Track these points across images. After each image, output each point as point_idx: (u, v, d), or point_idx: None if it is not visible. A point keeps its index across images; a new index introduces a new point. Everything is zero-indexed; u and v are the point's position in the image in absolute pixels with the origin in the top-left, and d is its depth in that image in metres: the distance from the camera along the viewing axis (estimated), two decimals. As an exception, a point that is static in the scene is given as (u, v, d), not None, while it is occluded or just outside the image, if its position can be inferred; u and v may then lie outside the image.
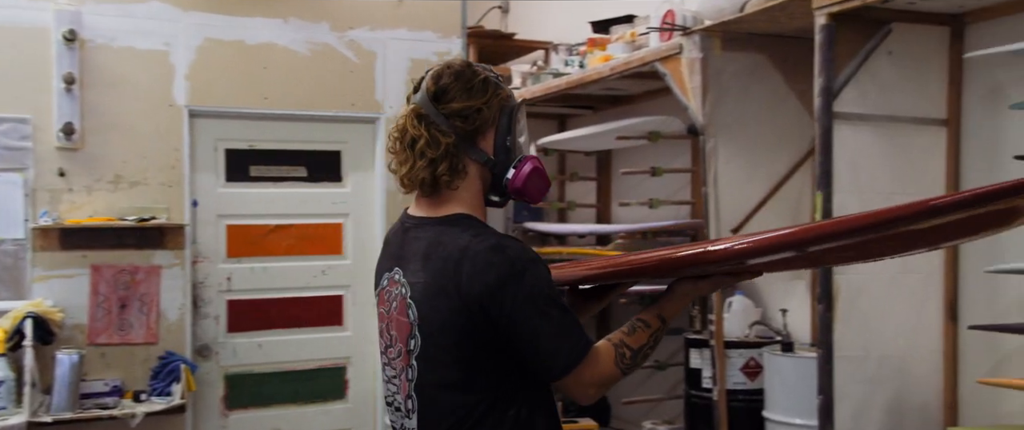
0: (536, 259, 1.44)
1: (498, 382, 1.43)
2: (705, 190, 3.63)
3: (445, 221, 1.48)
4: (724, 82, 3.55)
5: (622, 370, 1.47)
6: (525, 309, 1.38)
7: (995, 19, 2.87)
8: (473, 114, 1.48)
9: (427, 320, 1.43)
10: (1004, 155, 2.80)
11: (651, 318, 1.54)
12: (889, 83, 3.00)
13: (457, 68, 1.53)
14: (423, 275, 1.45)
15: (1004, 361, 2.90)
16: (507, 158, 1.51)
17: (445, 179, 1.47)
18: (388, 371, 1.52)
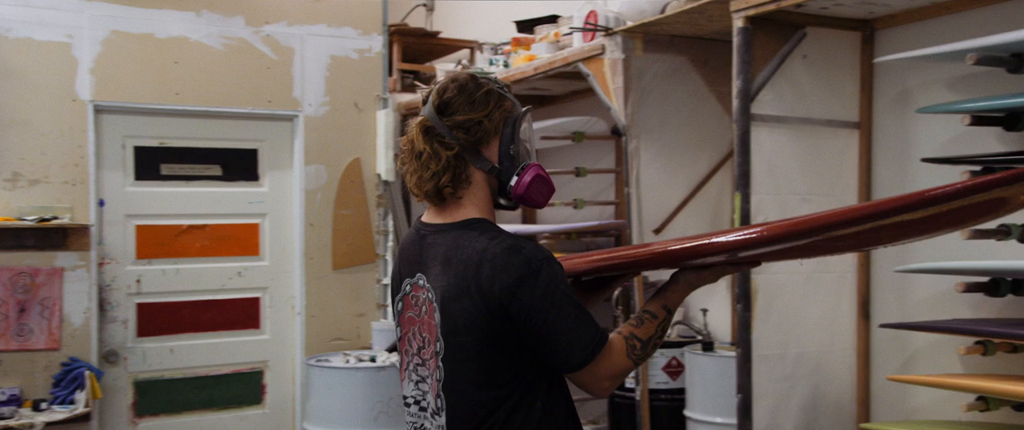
0: (550, 258, 1.50)
1: (523, 377, 1.49)
2: (628, 191, 3.64)
3: (461, 226, 1.55)
4: (646, 83, 3.57)
5: (634, 361, 1.53)
6: (542, 305, 1.44)
7: (903, 25, 2.94)
8: (474, 126, 1.54)
9: (451, 321, 1.50)
10: (912, 157, 2.88)
11: (657, 309, 1.59)
12: (804, 86, 3.04)
13: (461, 81, 1.58)
14: (445, 279, 1.51)
15: (913, 358, 2.98)
16: (511, 166, 1.56)
17: (448, 190, 1.54)
18: (421, 371, 1.57)
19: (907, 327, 2.63)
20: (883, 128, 3.08)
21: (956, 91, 2.81)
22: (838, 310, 3.15)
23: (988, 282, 2.54)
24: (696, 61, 3.63)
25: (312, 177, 4.16)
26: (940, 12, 2.80)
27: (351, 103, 4.26)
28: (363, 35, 4.27)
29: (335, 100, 4.21)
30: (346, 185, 4.21)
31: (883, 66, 3.02)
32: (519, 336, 1.49)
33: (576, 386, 1.55)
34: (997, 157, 2.46)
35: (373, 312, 4.30)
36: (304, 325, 4.18)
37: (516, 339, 1.49)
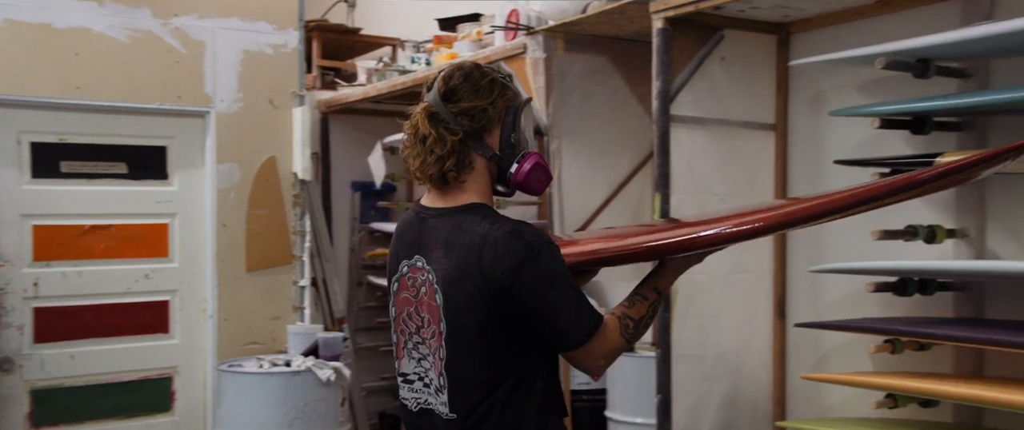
0: (549, 241, 1.56)
1: (524, 356, 1.55)
2: (550, 190, 3.62)
3: (462, 210, 1.59)
4: (568, 83, 3.56)
5: (627, 340, 1.60)
6: (542, 287, 1.50)
7: (817, 29, 3.00)
8: (479, 113, 1.58)
9: (454, 303, 1.54)
10: (826, 158, 2.93)
11: (648, 291, 1.66)
12: (722, 88, 3.07)
13: (467, 69, 1.63)
14: (446, 261, 1.56)
15: (826, 356, 3.03)
16: (512, 153, 1.61)
17: (452, 174, 1.58)
18: (421, 349, 1.62)
19: (820, 326, 2.67)
20: (798, 130, 3.13)
21: (867, 95, 2.87)
22: (755, 310, 3.19)
23: (896, 282, 2.60)
24: (617, 62, 3.64)
25: (225, 176, 4.01)
26: (852, 17, 2.85)
27: (266, 100, 4.12)
28: (278, 30, 4.13)
29: (249, 96, 4.06)
30: (261, 184, 4.07)
31: (798, 69, 3.07)
32: (520, 317, 1.54)
33: (572, 365, 1.60)
34: (904, 159, 2.52)
35: (289, 315, 4.17)
36: (216, 329, 4.02)
37: (517, 320, 1.54)
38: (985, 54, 2.52)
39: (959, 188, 2.60)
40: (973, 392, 2.23)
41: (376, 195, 5.08)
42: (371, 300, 5.11)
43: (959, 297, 2.61)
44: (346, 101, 4.85)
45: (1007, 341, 2.19)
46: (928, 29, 2.46)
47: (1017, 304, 2.51)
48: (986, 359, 2.54)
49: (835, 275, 2.77)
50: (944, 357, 2.62)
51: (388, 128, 5.14)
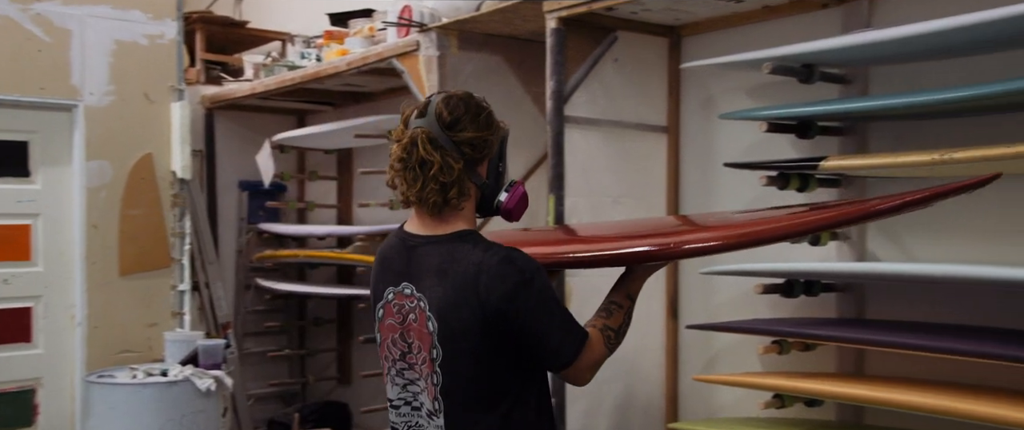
0: (539, 267, 1.64)
1: (519, 376, 1.62)
2: (443, 192, 3.55)
3: (453, 238, 1.64)
4: (462, 82, 3.48)
5: (610, 349, 1.70)
6: (536, 311, 1.58)
7: (707, 33, 3.02)
8: (480, 143, 1.65)
9: (450, 329, 1.59)
10: (716, 161, 2.96)
11: (622, 299, 1.77)
12: (615, 89, 3.07)
13: (465, 99, 1.69)
14: (440, 289, 1.60)
15: (717, 357, 3.07)
16: (497, 182, 1.71)
17: (454, 201, 1.63)
18: (408, 374, 1.67)
19: (711, 328, 2.69)
20: (690, 132, 3.15)
21: (755, 99, 2.91)
22: (649, 311, 3.19)
23: (783, 284, 2.64)
24: (512, 61, 3.59)
25: (95, 173, 3.75)
26: (740, 22, 2.89)
27: (141, 93, 3.88)
28: (154, 20, 3.90)
29: (122, 90, 3.82)
30: (135, 183, 3.83)
31: (689, 72, 3.09)
32: (515, 339, 1.60)
33: (561, 379, 1.71)
34: (790, 163, 2.56)
35: (167, 321, 3.94)
36: (85, 337, 3.76)
37: (512, 343, 1.60)
38: (864, 61, 2.59)
39: (842, 193, 2.66)
40: (853, 391, 2.29)
41: (265, 195, 4.89)
42: (259, 304, 4.92)
43: (842, 298, 2.68)
44: (232, 97, 4.64)
45: (885, 341, 2.25)
46: (812, 36, 2.52)
47: (895, 304, 2.59)
48: (866, 358, 2.61)
49: (725, 277, 2.79)
50: (828, 357, 2.68)
51: (277, 125, 4.97)
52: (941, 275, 2.22)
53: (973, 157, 2.02)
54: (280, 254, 4.81)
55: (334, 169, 4.98)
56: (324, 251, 4.66)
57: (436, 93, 1.73)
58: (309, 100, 4.85)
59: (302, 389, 5.09)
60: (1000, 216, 1.99)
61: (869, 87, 2.64)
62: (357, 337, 4.42)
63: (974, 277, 2.13)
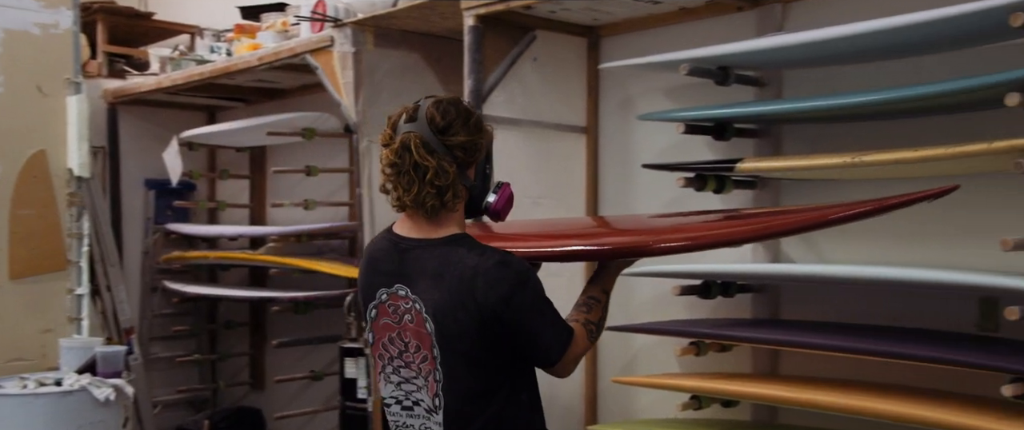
0: (531, 268, 1.71)
1: (509, 373, 1.69)
2: (359, 191, 3.46)
3: (447, 242, 1.69)
4: (378, 79, 3.41)
5: (592, 341, 1.79)
6: (530, 312, 1.65)
7: (626, 33, 3.02)
8: (472, 147, 1.69)
9: (447, 330, 1.65)
10: (635, 162, 2.95)
11: (598, 293, 1.85)
12: (534, 89, 3.04)
13: (455, 103, 1.72)
14: (436, 292, 1.65)
15: (635, 359, 3.07)
16: (484, 184, 1.76)
17: (450, 204, 1.68)
18: (405, 372, 1.72)
19: (629, 330, 2.69)
20: (608, 133, 3.14)
21: (673, 100, 2.92)
22: (567, 312, 3.17)
23: (700, 285, 2.65)
24: (430, 59, 3.53)
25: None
26: (658, 23, 2.89)
27: (33, 86, 3.65)
28: (47, 8, 3.66)
29: (13, 82, 3.58)
30: (27, 181, 3.60)
31: (608, 73, 3.09)
32: (507, 337, 1.67)
33: (547, 373, 1.74)
34: (707, 164, 2.57)
35: (64, 327, 3.72)
36: (-28, 346, 3.53)
37: (507, 342, 1.67)
38: (777, 64, 2.62)
39: (757, 194, 2.69)
40: (768, 392, 2.31)
41: (173, 194, 4.70)
42: (167, 307, 4.72)
43: (757, 299, 2.70)
44: (137, 91, 4.44)
45: (798, 342, 2.28)
46: (727, 38, 2.53)
47: (808, 305, 2.63)
48: (781, 359, 2.64)
49: (643, 278, 2.79)
50: (744, 358, 2.70)
51: (186, 122, 4.78)
52: (851, 276, 2.27)
53: (884, 160, 2.06)
54: (189, 255, 4.64)
55: (246, 168, 4.83)
56: (236, 252, 4.52)
57: (424, 98, 1.75)
58: (220, 96, 4.68)
59: (213, 395, 4.93)
60: (908, 218, 2.04)
61: (783, 90, 2.67)
62: (271, 341, 4.28)
63: (882, 278, 2.18)
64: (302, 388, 4.32)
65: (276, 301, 4.07)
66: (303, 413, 4.19)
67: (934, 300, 2.32)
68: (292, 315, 4.07)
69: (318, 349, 4.17)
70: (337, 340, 3.85)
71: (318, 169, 4.05)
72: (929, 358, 1.98)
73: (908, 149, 2.03)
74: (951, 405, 2.01)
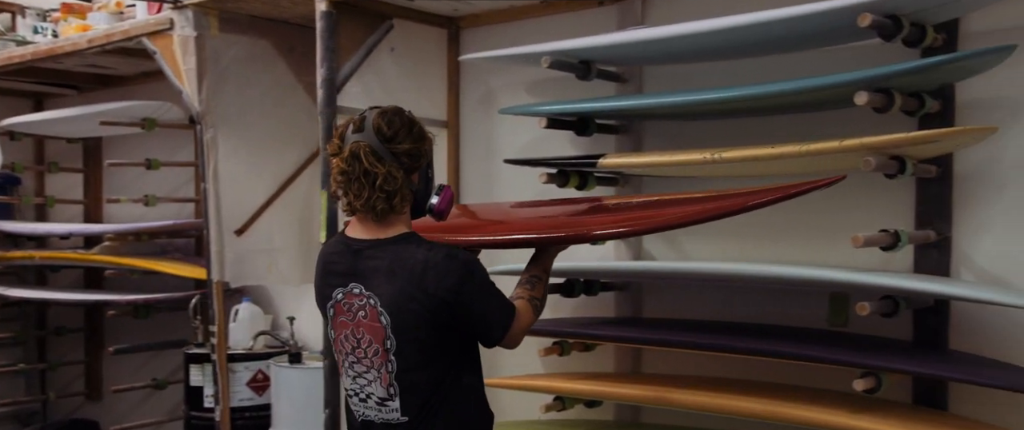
0: (475, 258, 1.86)
1: (456, 358, 1.83)
2: (204, 186, 3.23)
3: (396, 241, 1.81)
4: (223, 66, 3.19)
5: (537, 314, 1.93)
6: (478, 297, 1.78)
7: (487, 25, 2.95)
8: (416, 154, 1.81)
9: (400, 322, 1.77)
10: (497, 157, 2.89)
11: (540, 272, 2.00)
12: (392, 80, 2.94)
13: (399, 113, 1.85)
14: (390, 287, 1.77)
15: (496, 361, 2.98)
16: (427, 187, 1.88)
17: (398, 208, 1.80)
18: (358, 367, 1.84)
19: (491, 330, 2.60)
20: (470, 128, 3.07)
21: (534, 94, 2.88)
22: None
23: (564, 283, 2.61)
24: (281, 47, 3.33)
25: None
26: (519, 16, 2.84)
27: None
28: None
29: None
30: None
31: (469, 66, 3.02)
32: (456, 324, 1.80)
33: (499, 347, 1.88)
34: (569, 160, 2.53)
35: None
36: None
37: (455, 328, 1.80)
38: (638, 60, 2.62)
39: (619, 191, 2.69)
40: (629, 392, 2.31)
41: (-8, 188, 4.28)
42: (-14, 311, 4.30)
43: (620, 297, 2.70)
44: (-53, 74, 3.98)
45: (660, 340, 2.28)
46: (589, 32, 2.51)
47: (670, 303, 2.64)
48: (644, 357, 2.65)
49: (504, 276, 2.72)
50: (607, 357, 2.69)
51: (8, 109, 4.36)
52: (710, 272, 2.28)
53: (741, 157, 2.07)
54: (13, 256, 4.27)
55: (80, 160, 4.46)
56: (68, 252, 4.16)
57: (369, 109, 1.86)
58: (48, 82, 4.29)
59: (43, 407, 4.60)
60: (766, 216, 2.06)
61: (644, 86, 2.68)
62: (107, 348, 3.96)
63: (737, 274, 2.21)
64: (143, 398, 4.12)
65: (113, 304, 3.88)
66: (144, 424, 4.01)
67: (790, 296, 2.37)
68: (132, 320, 3.88)
69: (161, 355, 4.01)
70: (182, 346, 3.69)
71: (160, 162, 3.84)
72: (785, 354, 2.01)
73: (764, 146, 2.05)
74: (807, 400, 2.05)
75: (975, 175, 2.15)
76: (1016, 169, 2.10)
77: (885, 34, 1.97)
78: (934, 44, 2.07)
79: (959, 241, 2.16)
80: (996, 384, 1.87)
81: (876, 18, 1.92)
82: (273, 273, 3.45)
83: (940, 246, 2.16)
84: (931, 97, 2.09)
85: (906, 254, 2.17)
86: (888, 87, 1.98)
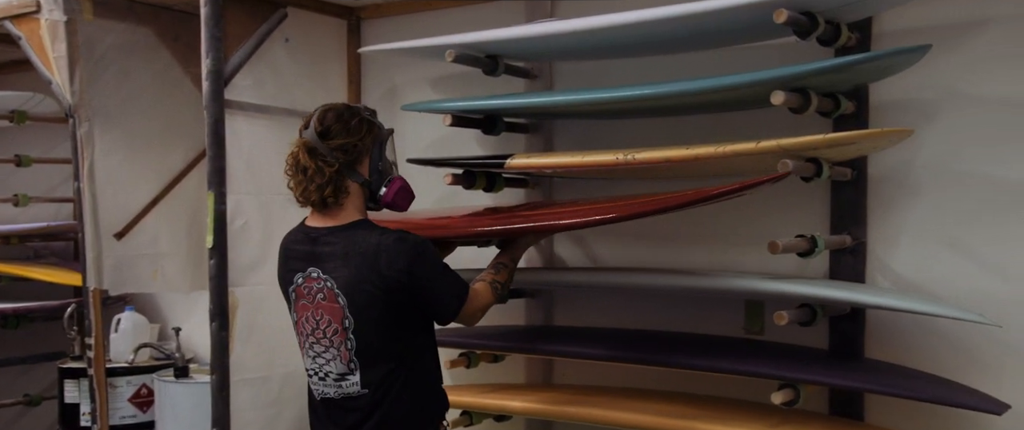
0: (425, 240, 1.92)
1: (415, 335, 1.93)
2: (78, 185, 2.96)
3: (350, 227, 1.92)
4: (100, 55, 2.94)
5: (498, 296, 2.02)
6: (429, 276, 1.87)
7: (388, 17, 2.82)
8: (351, 148, 1.90)
9: (356, 302, 1.88)
10: (400, 157, 2.72)
11: (507, 260, 2.09)
12: (288, 73, 2.78)
13: (338, 110, 1.94)
14: (345, 270, 1.88)
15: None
16: (380, 179, 1.96)
17: (331, 199, 1.90)
18: (317, 347, 1.95)
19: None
20: (373, 124, 2.90)
21: (440, 90, 2.78)
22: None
23: (470, 291, 2.47)
24: (165, 35, 3.09)
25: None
26: (423, 7, 2.72)
27: None
28: None
29: None
30: None
31: (371, 60, 2.89)
32: (411, 302, 1.89)
33: (459, 324, 1.98)
34: (475, 160, 2.42)
35: None
36: None
37: (410, 306, 1.89)
38: (549, 55, 2.53)
39: (529, 193, 2.59)
40: (538, 407, 2.23)
41: None
42: None
43: (531, 304, 2.63)
44: None
45: (571, 352, 2.20)
46: (497, 25, 2.41)
47: (581, 310, 2.56)
48: (555, 367, 2.56)
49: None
50: (517, 367, 2.60)
51: None
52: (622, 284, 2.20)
53: (654, 158, 1.98)
54: None
55: (-59, 155, 4.07)
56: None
57: (320, 107, 1.96)
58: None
59: None
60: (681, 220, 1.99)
61: (554, 83, 2.60)
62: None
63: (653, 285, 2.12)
64: (15, 416, 3.83)
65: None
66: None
67: (705, 302, 2.31)
68: (0, 330, 3.63)
69: (34, 369, 3.76)
70: (57, 359, 3.45)
71: (31, 159, 3.58)
72: (701, 367, 1.93)
73: (679, 147, 1.96)
74: (724, 413, 1.98)
75: (889, 179, 2.12)
76: (930, 172, 2.08)
77: (801, 31, 1.90)
78: (848, 43, 2.03)
79: (874, 247, 2.13)
80: (914, 396, 1.82)
81: (792, 14, 1.85)
82: (159, 280, 3.20)
83: (855, 251, 2.12)
84: (846, 98, 2.04)
85: (821, 259, 2.12)
86: (804, 87, 1.91)
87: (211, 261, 2.47)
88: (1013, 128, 1.98)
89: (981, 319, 1.79)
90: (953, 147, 2.04)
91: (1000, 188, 2.00)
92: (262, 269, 2.72)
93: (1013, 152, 1.98)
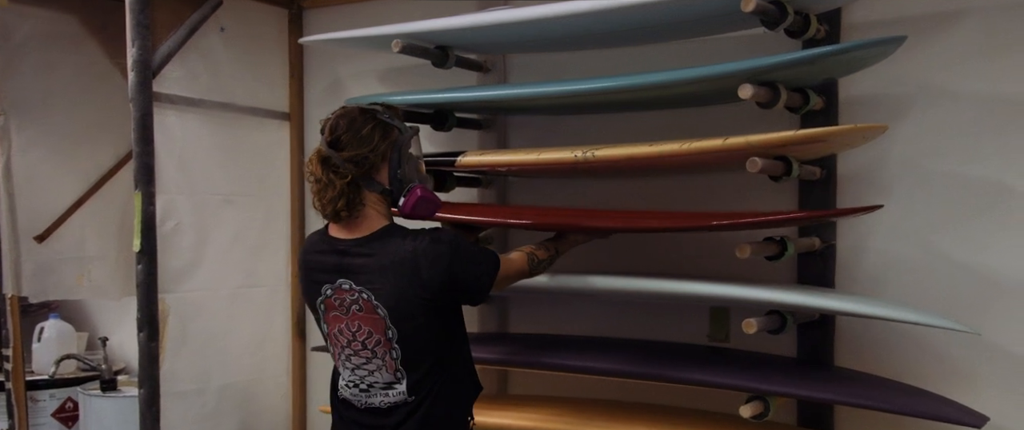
0: (457, 234, 1.93)
1: (453, 336, 1.90)
2: (-4, 187, 2.75)
3: (379, 236, 1.83)
4: (17, 44, 2.78)
5: (531, 268, 1.98)
6: (468, 268, 1.84)
7: (332, 7, 2.68)
8: (362, 160, 1.80)
9: (400, 312, 1.81)
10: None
11: (550, 246, 2.05)
12: (223, 65, 2.64)
13: (351, 117, 1.83)
14: (383, 283, 1.81)
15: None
16: (399, 187, 1.86)
17: (343, 212, 1.82)
18: (356, 359, 1.88)
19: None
20: (315, 120, 2.71)
21: (387, 84, 2.67)
22: (270, 331, 2.85)
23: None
24: (91, 24, 2.91)
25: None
26: (371, -5, 2.60)
27: None
28: None
29: None
30: None
31: (314, 51, 2.75)
32: (456, 299, 1.86)
33: None
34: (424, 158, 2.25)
35: None
36: None
37: (452, 303, 1.86)
38: (502, 46, 2.42)
39: (482, 193, 2.47)
40: (491, 420, 2.11)
41: None
42: None
43: (485, 310, 2.51)
44: None
45: (527, 362, 2.09)
46: (446, 13, 2.27)
47: (538, 315, 2.46)
48: (511, 376, 2.47)
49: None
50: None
51: None
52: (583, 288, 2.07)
53: (615, 156, 1.87)
54: None
55: None
56: None
57: (336, 110, 1.86)
58: None
59: None
60: (641, 222, 1.86)
61: (508, 76, 2.50)
62: None
63: (614, 289, 2.00)
64: None
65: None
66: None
67: (668, 308, 2.20)
68: None
69: None
70: None
71: None
72: (665, 377, 1.81)
73: (641, 144, 1.84)
74: (688, 426, 1.85)
75: (860, 177, 2.03)
76: (901, 171, 1.99)
77: (769, 21, 1.80)
78: (817, 35, 1.93)
79: (843, 249, 2.03)
80: (889, 408, 1.72)
81: (760, 3, 1.74)
82: (86, 285, 3.00)
83: (824, 254, 2.02)
84: (815, 93, 1.94)
85: (789, 263, 2.02)
86: (773, 80, 1.80)
87: (139, 266, 2.29)
88: (989, 124, 1.90)
89: (958, 326, 1.70)
90: (926, 145, 1.96)
91: (975, 187, 1.92)
92: (196, 274, 2.57)
93: (989, 149, 1.90)
